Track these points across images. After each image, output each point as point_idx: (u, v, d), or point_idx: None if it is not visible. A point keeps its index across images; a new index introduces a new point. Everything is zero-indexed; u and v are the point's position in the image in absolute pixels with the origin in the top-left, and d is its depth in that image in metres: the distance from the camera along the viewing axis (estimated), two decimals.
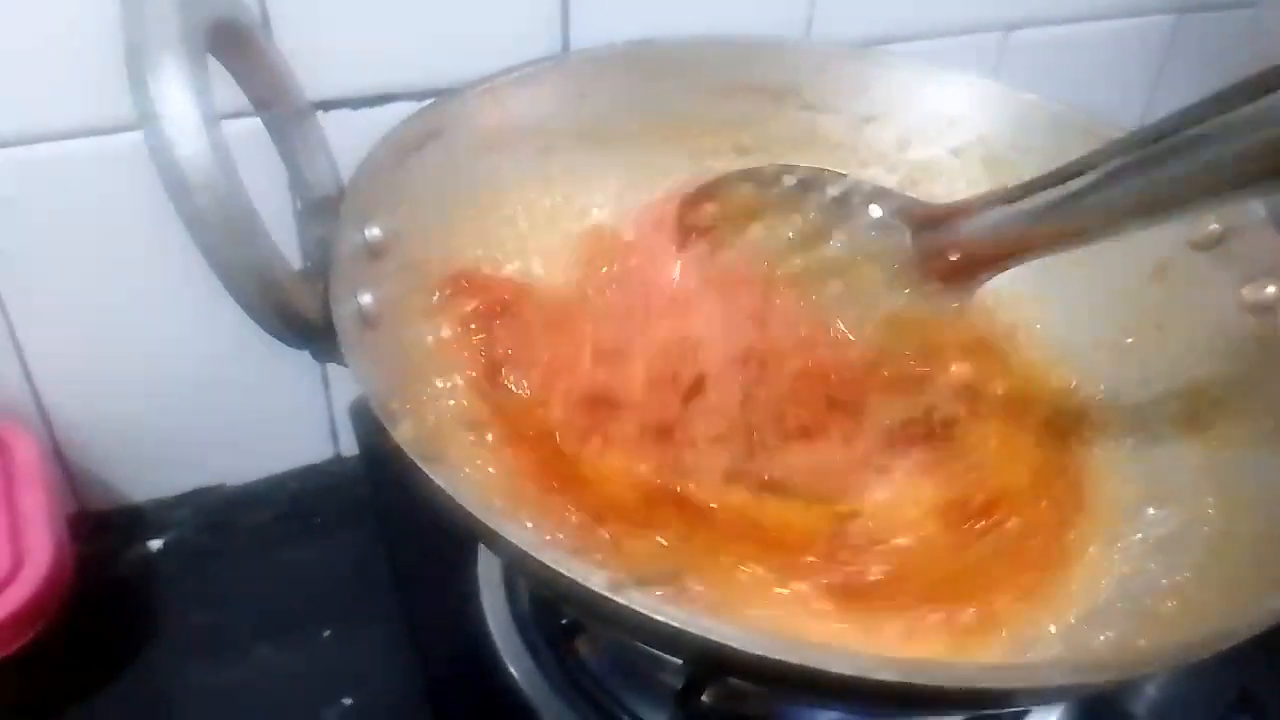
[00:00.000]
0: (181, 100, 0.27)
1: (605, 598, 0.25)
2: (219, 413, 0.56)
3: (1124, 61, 0.68)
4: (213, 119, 0.27)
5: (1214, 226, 0.41)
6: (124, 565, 0.55)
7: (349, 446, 0.61)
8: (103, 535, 0.55)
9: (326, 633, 0.52)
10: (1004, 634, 0.35)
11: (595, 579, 0.26)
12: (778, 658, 0.25)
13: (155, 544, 0.56)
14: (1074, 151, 0.46)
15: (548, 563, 0.26)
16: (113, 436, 0.55)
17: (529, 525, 0.35)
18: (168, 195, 0.27)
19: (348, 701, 0.48)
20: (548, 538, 0.34)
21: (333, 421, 0.60)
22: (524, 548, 0.26)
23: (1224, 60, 0.65)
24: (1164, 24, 0.67)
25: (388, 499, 0.53)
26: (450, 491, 0.27)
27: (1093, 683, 0.27)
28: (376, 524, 0.54)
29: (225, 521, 0.58)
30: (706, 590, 0.35)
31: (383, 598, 0.51)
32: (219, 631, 0.51)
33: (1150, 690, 0.46)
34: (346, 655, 0.51)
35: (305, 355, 0.33)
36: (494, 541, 0.27)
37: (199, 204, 0.27)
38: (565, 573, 0.26)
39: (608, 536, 0.36)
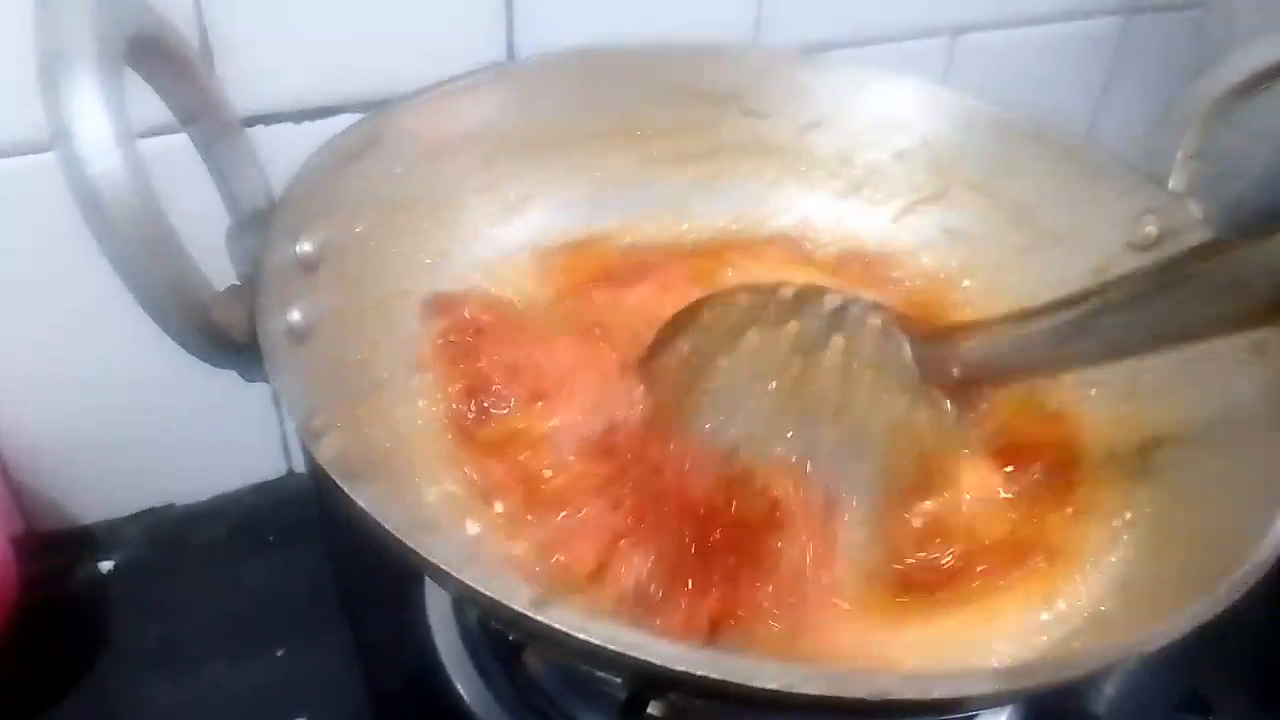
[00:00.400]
0: (94, 115, 0.26)
1: (526, 616, 0.25)
2: (169, 431, 0.55)
3: (1074, 64, 0.68)
4: (127, 135, 0.27)
5: (1150, 228, 0.41)
6: (74, 584, 0.54)
7: (301, 463, 0.60)
8: (52, 555, 0.54)
9: (280, 650, 0.51)
10: None
11: (517, 596, 0.25)
12: (701, 673, 0.24)
13: (106, 564, 0.55)
14: (1017, 155, 0.46)
15: (468, 581, 0.26)
16: (61, 456, 0.54)
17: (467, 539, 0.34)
18: (80, 212, 0.27)
19: (302, 718, 0.48)
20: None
21: (285, 437, 0.59)
22: (444, 566, 0.26)
23: (1172, 62, 0.65)
24: (1112, 26, 0.68)
25: (335, 514, 0.52)
26: (370, 511, 0.27)
27: (1021, 688, 0.27)
28: (324, 541, 0.54)
29: (177, 540, 0.57)
30: None
31: (336, 613, 0.51)
32: (172, 649, 0.51)
33: (1103, 688, 0.47)
34: (300, 672, 0.50)
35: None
36: (414, 559, 0.27)
37: (111, 222, 0.26)
38: (486, 591, 0.25)
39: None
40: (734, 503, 0.37)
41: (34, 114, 0.41)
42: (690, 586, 0.35)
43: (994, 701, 0.32)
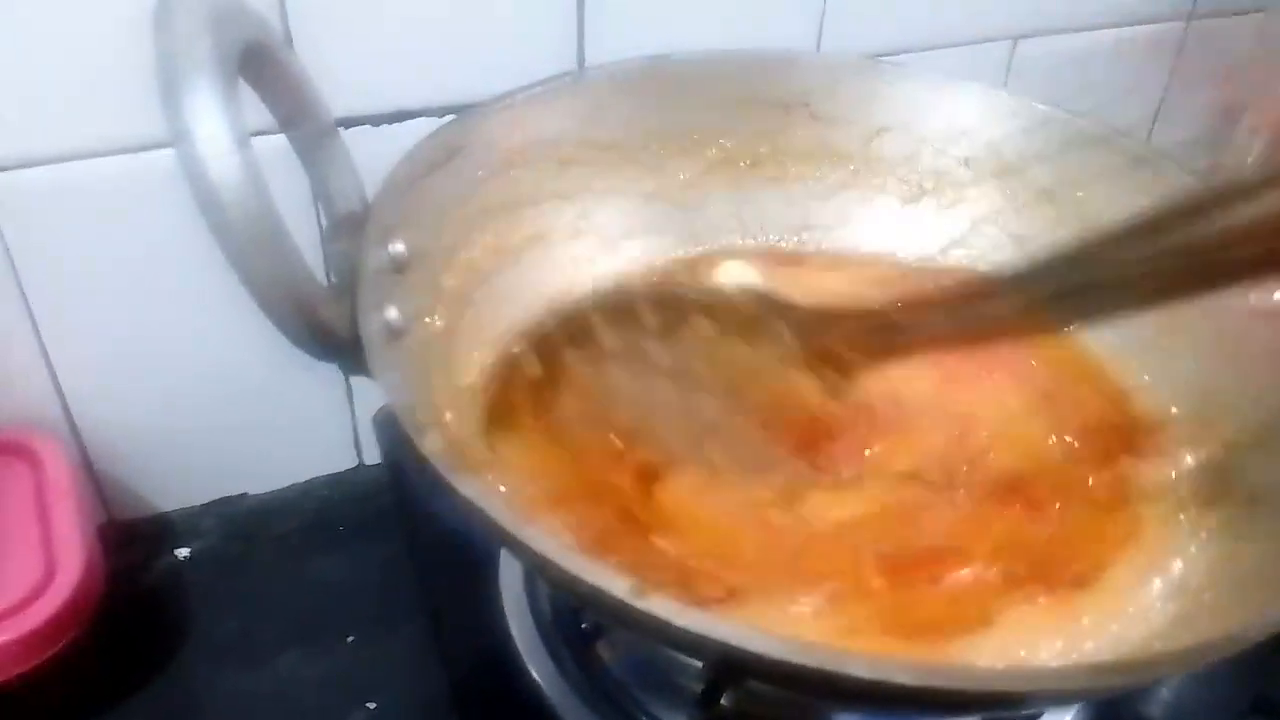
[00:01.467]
0: (214, 120, 0.27)
1: (625, 604, 0.26)
2: (244, 423, 0.57)
3: (1134, 69, 0.68)
4: (244, 138, 0.28)
5: None
6: (153, 574, 0.56)
7: (372, 456, 0.62)
8: (132, 545, 0.56)
9: (351, 638, 0.52)
10: None
11: (617, 586, 0.26)
12: (796, 661, 0.25)
13: (183, 553, 0.57)
14: (1082, 161, 0.47)
15: (570, 569, 0.27)
16: (140, 447, 0.56)
17: (553, 532, 0.35)
18: (200, 212, 0.28)
19: (372, 706, 0.49)
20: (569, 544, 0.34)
21: (356, 431, 0.61)
22: (547, 554, 0.27)
23: (1234, 68, 0.65)
24: (1173, 31, 0.68)
25: (411, 507, 0.54)
26: (477, 500, 0.28)
27: (1105, 686, 0.27)
28: (400, 532, 0.55)
29: (251, 530, 0.58)
30: None
31: (405, 604, 0.52)
32: (246, 638, 0.52)
33: (1166, 694, 0.47)
34: (370, 661, 0.51)
35: (327, 367, 0.34)
36: (519, 548, 0.28)
37: (231, 221, 0.28)
38: (587, 579, 0.26)
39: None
40: None
41: (128, 117, 0.45)
42: None
43: (1082, 696, 0.33)
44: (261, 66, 0.33)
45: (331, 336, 0.32)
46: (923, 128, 0.49)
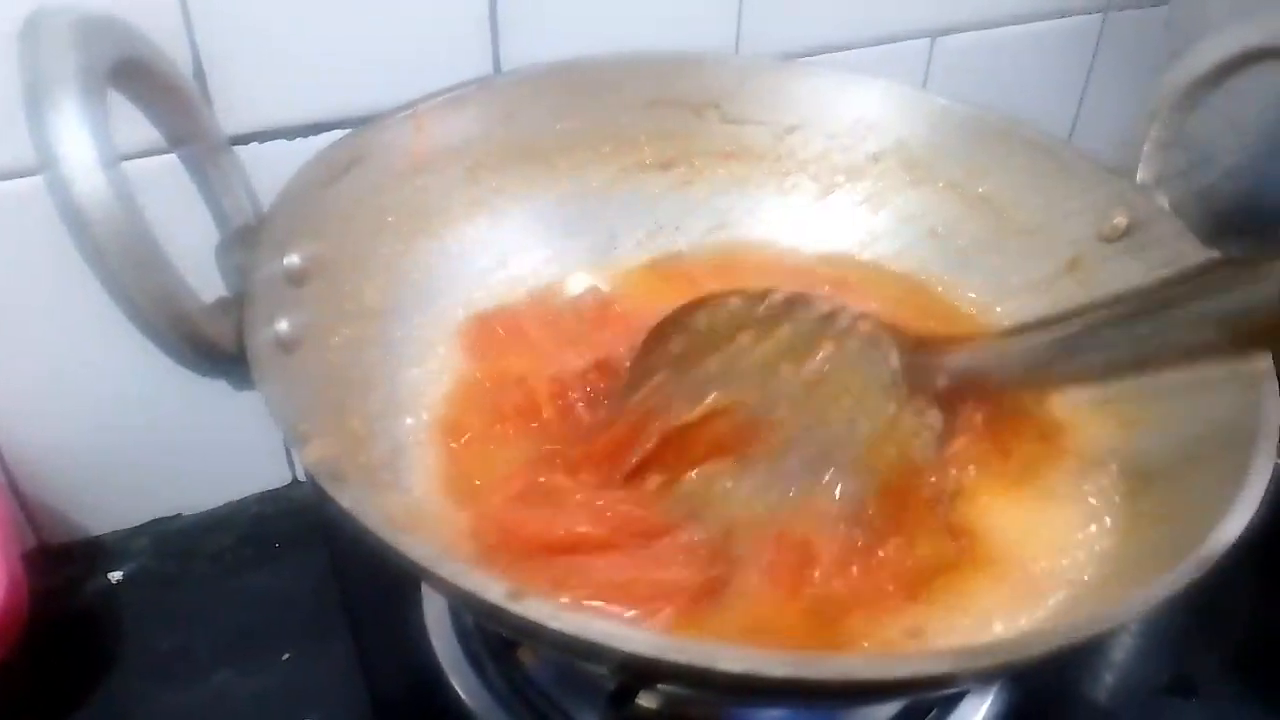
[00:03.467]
0: (77, 139, 0.27)
1: (501, 607, 0.26)
2: (175, 443, 0.57)
3: (1055, 62, 0.69)
4: (111, 157, 0.28)
5: (1119, 220, 0.42)
6: (85, 596, 0.55)
7: (304, 471, 0.61)
8: (63, 568, 0.56)
9: (287, 654, 0.52)
10: None
11: (493, 589, 0.26)
12: (670, 659, 0.25)
13: (116, 575, 0.56)
14: (990, 153, 0.47)
15: (446, 576, 0.27)
16: (69, 471, 0.55)
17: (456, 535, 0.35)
18: (68, 232, 0.28)
19: None
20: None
21: (288, 447, 0.60)
22: (423, 563, 0.27)
23: (1151, 58, 0.66)
24: (1091, 24, 0.68)
25: (335, 523, 0.53)
26: (353, 510, 0.28)
27: (981, 668, 0.27)
28: (326, 547, 0.55)
29: (185, 549, 0.58)
30: None
31: (341, 618, 0.52)
32: (182, 657, 0.52)
33: (1086, 668, 0.47)
34: (307, 675, 0.51)
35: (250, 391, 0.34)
36: (397, 557, 0.28)
37: (97, 238, 0.28)
38: (462, 584, 0.26)
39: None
40: None
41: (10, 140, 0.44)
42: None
43: (964, 680, 0.33)
44: (140, 80, 0.33)
45: (215, 351, 0.31)
46: (831, 125, 0.50)
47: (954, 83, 0.64)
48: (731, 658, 0.25)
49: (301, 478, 0.62)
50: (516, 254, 0.48)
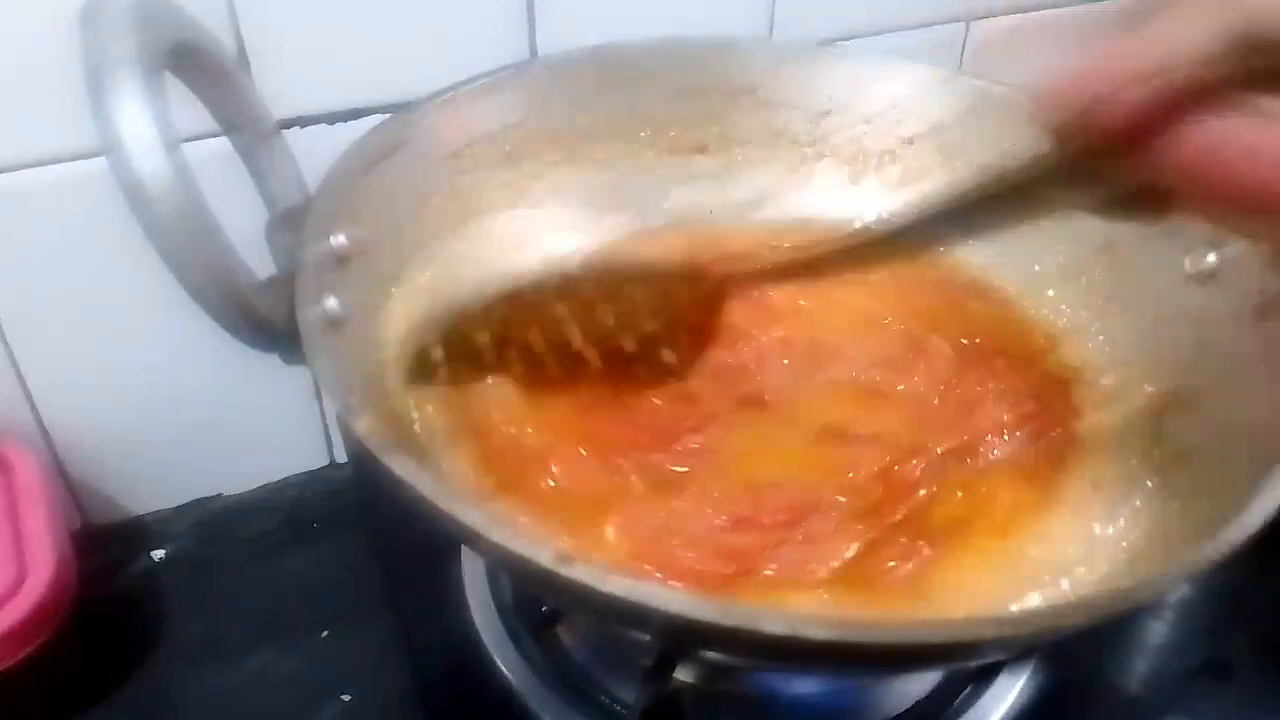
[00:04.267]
0: (138, 119, 0.28)
1: (550, 571, 0.27)
2: (215, 424, 0.58)
3: (1091, 45, 0.69)
4: (171, 135, 0.29)
5: None
6: (128, 576, 0.56)
7: (343, 453, 0.62)
8: (107, 548, 0.57)
9: (325, 633, 0.53)
10: None
11: (542, 553, 0.27)
12: (713, 620, 0.26)
13: (158, 554, 0.58)
14: (1024, 135, 0.47)
15: (497, 540, 0.27)
16: (113, 452, 0.56)
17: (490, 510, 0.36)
18: (130, 209, 0.29)
19: (346, 698, 0.50)
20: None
21: (326, 429, 0.61)
22: (474, 527, 0.27)
23: None
24: (1128, 6, 0.68)
25: (375, 502, 0.54)
26: (407, 478, 0.29)
27: (1020, 635, 0.28)
28: (366, 527, 0.56)
29: (224, 530, 0.59)
30: None
31: (378, 597, 0.53)
32: (220, 637, 0.53)
33: (1119, 652, 0.47)
34: (344, 654, 0.52)
35: (297, 366, 0.34)
36: (449, 524, 0.28)
37: (158, 216, 0.28)
38: (513, 549, 0.27)
39: None
40: None
41: (72, 124, 0.45)
42: None
43: (1003, 649, 0.33)
44: (194, 66, 0.34)
45: (267, 326, 0.32)
46: (866, 109, 0.50)
47: (988, 66, 0.63)
48: (775, 620, 0.26)
49: (340, 459, 0.62)
50: (552, 236, 0.48)
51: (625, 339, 0.41)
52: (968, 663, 0.38)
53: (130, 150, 0.28)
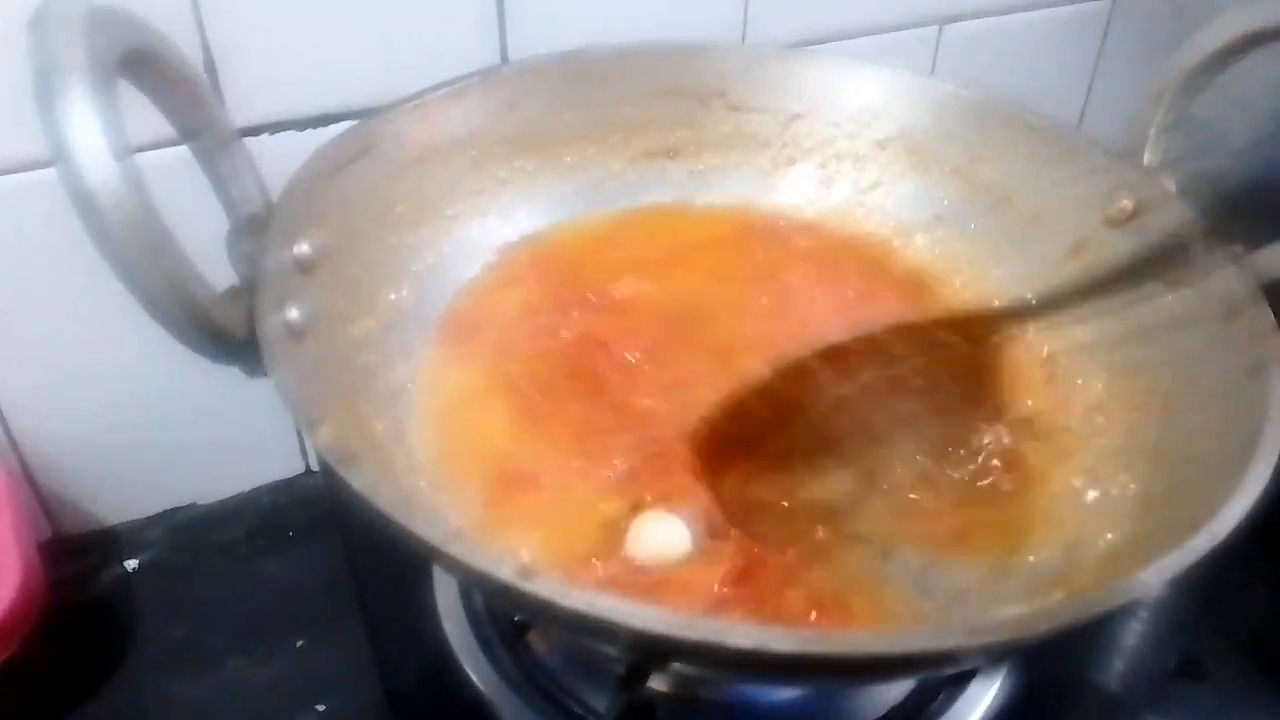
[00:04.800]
0: (87, 127, 0.28)
1: (513, 586, 0.26)
2: (188, 432, 0.57)
3: (1063, 49, 0.69)
4: (122, 144, 0.28)
5: (1125, 203, 0.42)
6: (100, 586, 0.56)
7: (317, 460, 0.62)
8: (79, 558, 0.56)
9: (299, 642, 0.53)
10: None
11: (504, 567, 0.27)
12: (679, 635, 0.26)
13: (131, 564, 0.57)
14: (993, 140, 0.47)
15: (456, 555, 0.27)
16: (84, 462, 0.56)
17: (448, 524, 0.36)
18: (80, 220, 0.28)
19: (320, 708, 0.49)
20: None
21: (301, 436, 0.61)
22: (433, 542, 0.27)
23: (1161, 43, 0.66)
24: (1099, 10, 0.68)
25: (346, 511, 0.54)
26: (363, 492, 0.28)
27: (989, 643, 0.28)
28: (338, 535, 0.55)
29: (198, 539, 0.59)
30: None
31: (354, 605, 0.52)
32: (195, 646, 0.52)
33: (1095, 652, 0.47)
34: (318, 663, 0.52)
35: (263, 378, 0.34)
36: (409, 539, 0.28)
37: (109, 227, 0.28)
38: (474, 564, 0.27)
39: None
40: None
41: (34, 133, 0.45)
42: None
43: (974, 658, 0.33)
44: (150, 71, 0.33)
45: (226, 338, 0.32)
46: (836, 112, 0.50)
47: (961, 70, 0.64)
48: (740, 634, 0.26)
49: (314, 467, 0.62)
50: (519, 242, 0.48)
51: None
52: (939, 671, 0.38)
53: (79, 160, 0.28)
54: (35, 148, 0.46)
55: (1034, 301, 0.45)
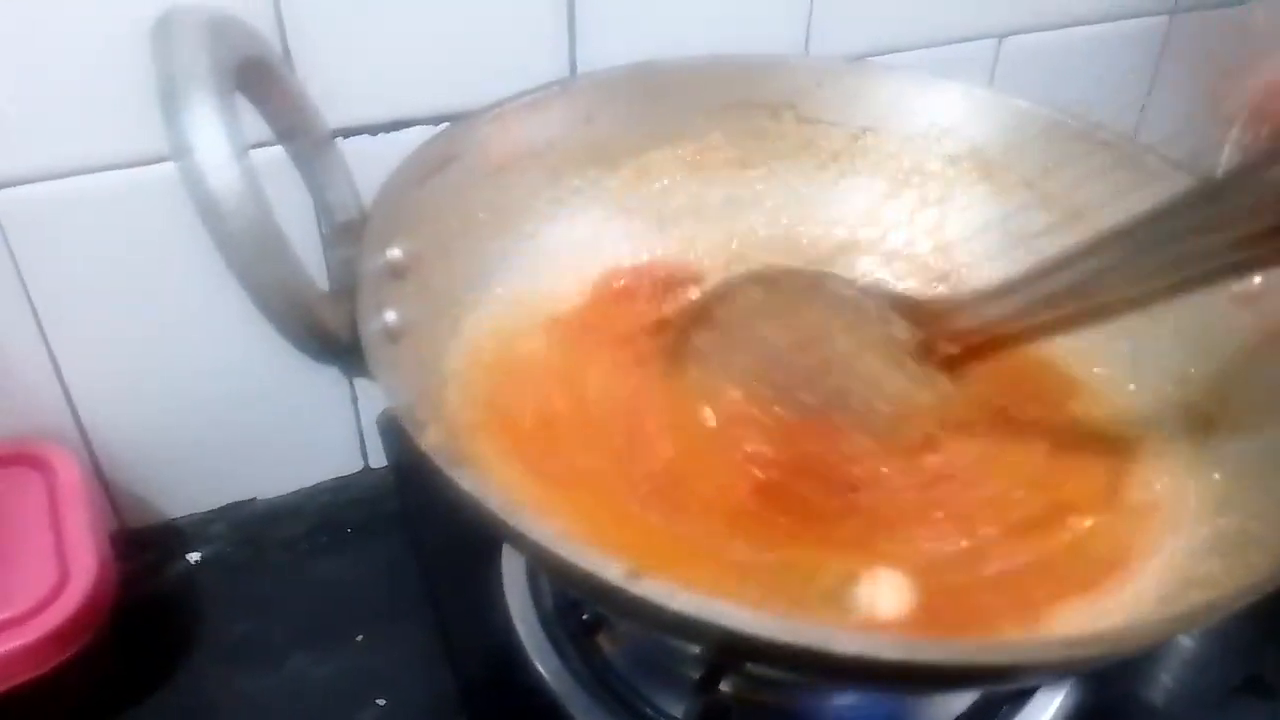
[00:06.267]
0: (213, 134, 0.28)
1: (619, 589, 0.27)
2: (251, 429, 0.58)
3: (1119, 64, 0.69)
4: (243, 151, 0.29)
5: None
6: (164, 579, 0.57)
7: (377, 458, 0.63)
8: (143, 551, 0.58)
9: (359, 638, 0.54)
10: None
11: (611, 570, 0.27)
12: (783, 639, 0.26)
13: (194, 558, 0.58)
14: (1066, 155, 0.48)
15: (564, 556, 0.28)
16: (150, 456, 0.57)
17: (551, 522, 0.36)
18: (202, 223, 0.29)
19: (381, 703, 0.50)
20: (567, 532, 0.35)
21: (361, 434, 0.62)
22: (543, 542, 0.28)
23: (1218, 59, 0.66)
24: (1157, 25, 0.69)
25: (415, 507, 0.55)
26: (474, 492, 0.29)
27: (1086, 657, 0.28)
28: (405, 532, 0.56)
29: (259, 534, 0.60)
30: None
31: (413, 602, 0.53)
32: (256, 641, 0.53)
33: (1159, 674, 0.48)
34: (379, 659, 0.52)
35: (332, 372, 0.35)
36: (516, 539, 0.29)
37: (232, 231, 0.29)
38: (581, 564, 0.27)
39: None
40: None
41: (128, 132, 0.46)
42: None
43: (1064, 668, 0.34)
44: (258, 81, 0.34)
45: (332, 340, 0.33)
46: (907, 127, 0.50)
47: (1019, 83, 0.64)
48: (846, 640, 0.26)
49: (374, 464, 0.63)
50: (595, 252, 0.49)
51: None
52: (1029, 683, 0.38)
53: (205, 166, 0.28)
54: (118, 148, 0.47)
55: None
